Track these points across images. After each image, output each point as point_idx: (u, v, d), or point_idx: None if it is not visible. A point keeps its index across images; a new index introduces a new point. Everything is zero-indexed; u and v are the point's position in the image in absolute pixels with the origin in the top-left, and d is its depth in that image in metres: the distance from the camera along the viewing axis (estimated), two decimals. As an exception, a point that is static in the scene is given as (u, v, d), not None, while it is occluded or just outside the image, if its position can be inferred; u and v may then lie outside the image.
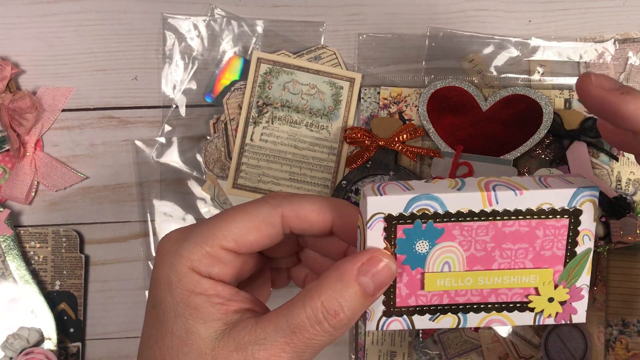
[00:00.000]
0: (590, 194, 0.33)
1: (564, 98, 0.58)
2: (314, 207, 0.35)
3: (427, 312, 0.35)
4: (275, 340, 0.31)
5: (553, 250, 0.34)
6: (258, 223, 0.34)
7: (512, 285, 0.35)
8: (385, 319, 0.35)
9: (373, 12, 0.60)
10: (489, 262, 0.34)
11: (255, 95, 0.58)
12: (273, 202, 0.35)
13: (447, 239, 0.33)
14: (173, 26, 0.59)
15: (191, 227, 0.35)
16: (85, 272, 0.59)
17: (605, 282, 0.57)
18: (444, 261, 0.34)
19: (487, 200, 0.33)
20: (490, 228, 0.33)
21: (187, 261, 0.33)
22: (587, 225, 0.34)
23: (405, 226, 0.33)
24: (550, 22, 0.60)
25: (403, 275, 0.34)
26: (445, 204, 0.33)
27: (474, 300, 0.35)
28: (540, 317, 0.36)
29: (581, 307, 0.36)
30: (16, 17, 0.59)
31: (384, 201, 0.32)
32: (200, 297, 0.33)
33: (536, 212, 0.33)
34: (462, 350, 0.58)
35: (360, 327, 0.58)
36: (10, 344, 0.55)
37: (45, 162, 0.59)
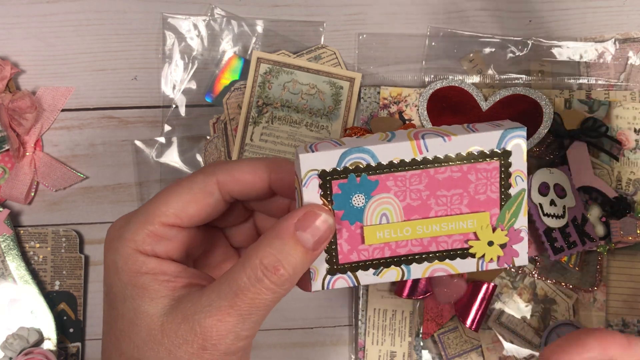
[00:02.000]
0: (517, 134, 0.33)
1: (564, 98, 0.58)
2: (248, 168, 0.35)
3: (371, 267, 0.35)
4: (219, 305, 0.31)
5: (487, 194, 0.34)
6: (195, 194, 0.34)
7: (450, 232, 0.35)
8: (330, 277, 0.35)
9: (373, 12, 0.60)
10: (426, 211, 0.34)
11: (255, 95, 0.58)
12: (207, 170, 0.35)
13: (382, 190, 0.34)
14: (173, 26, 0.59)
15: (134, 211, 0.35)
16: (85, 272, 0.59)
17: (606, 282, 0.57)
18: (382, 213, 0.34)
19: (417, 149, 0.33)
20: (423, 176, 0.34)
21: (131, 243, 0.33)
22: (518, 165, 0.34)
23: (339, 181, 0.33)
24: (550, 22, 0.60)
25: (343, 231, 0.34)
26: (377, 156, 0.33)
27: (415, 250, 0.35)
28: (483, 262, 0.36)
29: (522, 250, 0.36)
30: (16, 17, 0.59)
31: (316, 157, 0.33)
32: (146, 276, 0.33)
33: (466, 156, 0.34)
34: (462, 350, 0.58)
35: (360, 327, 0.58)
36: (10, 344, 0.55)
37: (45, 162, 0.59)
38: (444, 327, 0.58)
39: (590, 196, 0.57)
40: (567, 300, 0.58)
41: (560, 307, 0.58)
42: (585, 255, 0.57)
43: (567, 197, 0.55)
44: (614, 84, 0.59)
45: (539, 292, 0.58)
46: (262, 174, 0.35)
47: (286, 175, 0.35)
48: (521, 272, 0.58)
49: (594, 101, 0.58)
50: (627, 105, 0.58)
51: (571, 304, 0.58)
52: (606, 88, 0.59)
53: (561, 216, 0.55)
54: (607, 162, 0.58)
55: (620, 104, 0.58)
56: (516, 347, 0.58)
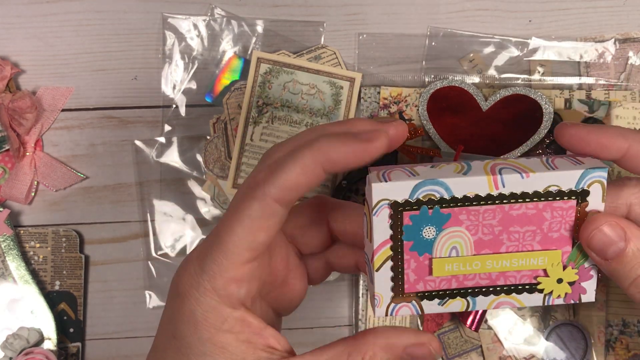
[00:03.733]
0: (598, 175, 0.33)
1: (564, 98, 0.58)
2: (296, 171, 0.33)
3: (436, 297, 0.35)
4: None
5: (561, 232, 0.34)
6: (257, 222, 0.32)
7: (520, 268, 0.34)
8: (394, 305, 0.35)
9: (373, 12, 0.60)
10: (497, 246, 0.34)
11: (255, 95, 0.58)
12: (258, 194, 0.32)
13: (454, 224, 0.33)
14: (173, 26, 0.59)
15: (203, 251, 0.33)
16: (85, 272, 0.59)
17: (606, 282, 0.57)
18: (452, 246, 0.34)
19: (494, 184, 0.33)
20: (497, 212, 0.33)
21: (212, 293, 0.32)
22: (595, 205, 0.34)
23: (411, 212, 0.33)
24: (550, 22, 0.60)
25: (411, 261, 0.34)
26: (452, 189, 0.33)
27: (483, 283, 0.35)
28: (550, 297, 0.35)
29: (590, 287, 0.35)
30: (16, 17, 0.59)
31: (388, 187, 0.32)
32: (227, 334, 0.32)
33: (543, 194, 0.33)
34: (462, 350, 0.58)
35: (360, 327, 0.58)
36: (10, 344, 0.55)
37: (45, 162, 0.59)
38: (444, 327, 0.58)
39: (590, 196, 0.57)
40: (567, 300, 0.58)
41: (560, 307, 0.58)
42: (585, 255, 0.57)
43: (567, 197, 0.55)
44: (614, 84, 0.59)
45: (539, 292, 0.58)
46: (314, 170, 0.32)
47: (339, 157, 0.32)
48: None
49: (594, 101, 0.58)
50: (627, 105, 0.58)
51: (571, 304, 0.58)
52: (606, 88, 0.59)
53: (561, 216, 0.55)
54: (607, 162, 0.58)
55: (620, 104, 0.58)
56: (516, 347, 0.58)
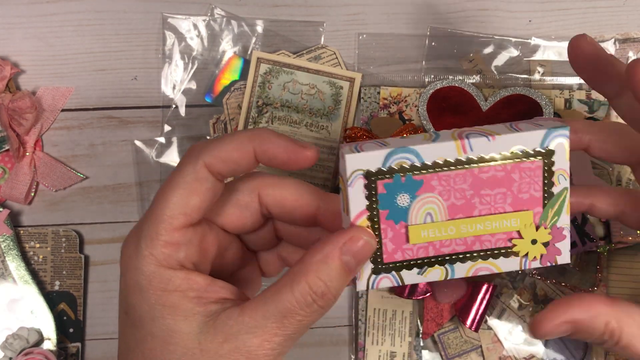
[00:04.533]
0: (561, 133, 0.34)
1: (564, 98, 0.58)
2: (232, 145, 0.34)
3: (415, 266, 0.36)
4: (266, 327, 0.31)
5: (530, 192, 0.35)
6: (191, 185, 0.33)
7: (494, 231, 0.35)
8: (374, 277, 0.35)
9: (373, 12, 0.60)
10: (470, 210, 0.35)
11: (255, 95, 0.58)
12: (192, 157, 0.34)
13: (427, 190, 0.34)
14: (173, 26, 0.59)
15: (140, 223, 0.34)
16: (85, 272, 0.59)
17: (606, 282, 0.57)
18: (426, 212, 0.35)
19: (462, 148, 0.34)
20: (468, 176, 0.34)
21: (150, 259, 0.32)
22: (560, 164, 0.35)
23: (385, 181, 0.34)
24: (550, 22, 0.60)
25: (388, 230, 0.35)
26: (422, 156, 0.34)
27: (459, 249, 0.35)
28: (526, 261, 0.36)
29: (564, 248, 0.36)
30: (16, 17, 0.59)
31: (361, 157, 0.33)
32: (174, 294, 0.32)
33: (510, 155, 0.34)
34: (462, 351, 0.58)
35: (360, 327, 0.58)
36: (10, 344, 0.55)
37: (44, 162, 0.59)
38: (444, 327, 0.58)
39: (590, 196, 0.57)
40: (567, 300, 0.58)
41: (560, 307, 0.58)
42: (585, 256, 0.57)
43: (567, 197, 0.55)
44: (614, 84, 0.59)
45: (539, 292, 0.58)
46: (246, 147, 0.34)
47: (272, 149, 0.34)
48: (521, 272, 0.58)
49: (594, 101, 0.58)
50: (627, 105, 0.58)
51: (571, 304, 0.58)
52: (606, 88, 0.59)
53: (561, 216, 0.55)
54: (607, 162, 0.58)
55: (620, 104, 0.58)
56: (516, 347, 0.58)
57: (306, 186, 0.37)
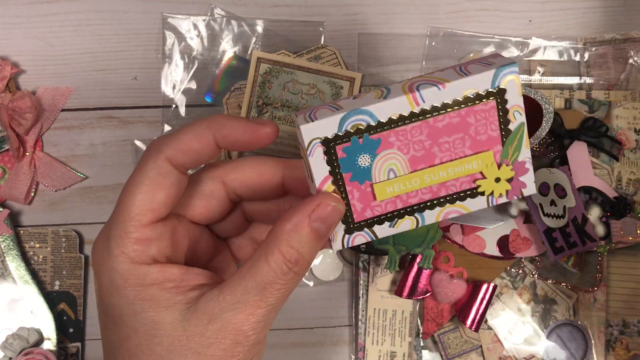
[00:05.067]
0: (510, 70, 0.34)
1: (564, 98, 0.58)
2: (191, 136, 0.34)
3: (385, 220, 0.36)
4: (248, 301, 0.32)
5: (488, 133, 0.35)
6: (154, 180, 0.33)
7: (457, 175, 0.36)
8: (348, 237, 0.36)
9: (373, 12, 0.60)
10: (431, 159, 0.35)
11: (255, 95, 0.58)
12: (153, 151, 0.34)
13: (386, 147, 0.34)
14: (173, 26, 0.59)
15: (107, 224, 0.34)
16: (85, 272, 0.59)
17: (606, 282, 0.57)
18: (389, 169, 0.35)
19: (414, 102, 0.34)
20: (424, 127, 0.34)
21: (122, 257, 0.32)
22: (514, 101, 0.35)
23: (343, 145, 0.34)
24: (550, 22, 0.60)
25: (354, 191, 0.35)
26: (376, 115, 0.34)
27: (426, 198, 0.36)
28: (492, 198, 0.36)
29: (529, 180, 0.36)
30: (16, 17, 0.59)
31: (317, 126, 0.34)
32: (152, 287, 0.33)
33: (462, 101, 0.34)
34: (462, 351, 0.58)
35: (360, 327, 0.58)
36: (10, 344, 0.55)
37: (44, 162, 0.59)
38: (444, 327, 0.58)
39: (590, 196, 0.57)
40: (567, 300, 0.58)
41: (561, 307, 0.58)
42: (585, 256, 0.57)
43: (568, 197, 0.55)
44: (614, 84, 0.59)
45: (539, 292, 0.58)
46: (206, 136, 0.34)
47: (232, 133, 0.35)
48: (521, 273, 0.58)
49: (594, 101, 0.58)
50: (627, 105, 0.58)
51: (571, 304, 0.58)
52: (606, 88, 0.59)
53: (561, 216, 0.55)
54: (607, 162, 0.58)
55: (620, 104, 0.58)
56: (516, 347, 0.58)
57: (267, 160, 0.37)
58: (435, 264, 0.57)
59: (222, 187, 0.38)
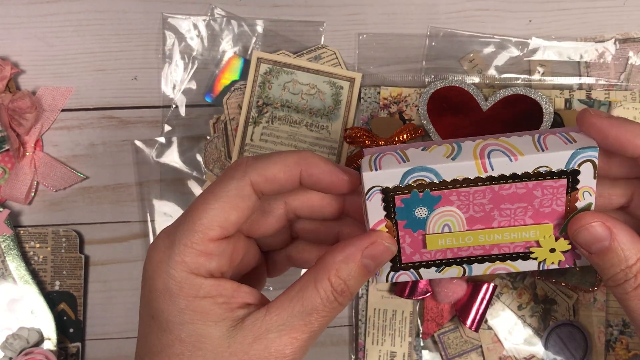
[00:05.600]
0: (589, 154, 0.33)
1: (564, 98, 0.58)
2: (279, 166, 0.35)
3: (433, 265, 0.36)
4: (293, 325, 0.32)
5: (552, 207, 0.34)
6: (233, 200, 0.34)
7: (513, 240, 0.35)
8: (393, 274, 0.36)
9: (373, 12, 0.60)
10: (489, 221, 0.34)
11: (255, 95, 0.58)
12: (238, 172, 0.35)
13: (445, 204, 0.34)
14: (173, 26, 0.59)
15: (174, 228, 0.35)
16: (85, 272, 0.59)
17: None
18: (444, 223, 0.35)
19: (482, 168, 0.33)
20: (487, 192, 0.34)
21: (182, 266, 0.33)
22: (586, 182, 0.34)
23: (402, 196, 0.34)
24: (550, 22, 0.60)
25: (406, 237, 0.35)
26: (441, 174, 0.33)
27: (477, 253, 0.36)
28: (544, 264, 0.36)
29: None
30: (16, 17, 0.59)
31: (379, 175, 0.33)
32: (204, 300, 0.33)
33: (532, 175, 0.33)
34: (462, 351, 0.58)
35: (360, 327, 0.58)
36: (10, 344, 0.55)
37: (45, 162, 0.59)
38: (444, 327, 0.58)
39: (590, 196, 0.57)
40: (567, 300, 0.58)
41: (561, 307, 0.58)
42: (586, 255, 0.57)
43: (567, 197, 0.55)
44: (614, 84, 0.59)
45: (539, 292, 0.58)
46: (293, 171, 0.35)
47: (318, 173, 0.35)
48: (521, 273, 0.58)
49: (594, 101, 0.58)
50: (627, 105, 0.58)
51: (571, 304, 0.58)
52: (606, 88, 0.59)
53: (561, 216, 0.55)
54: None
55: (620, 104, 0.58)
56: (516, 347, 0.58)
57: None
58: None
59: (283, 206, 0.38)
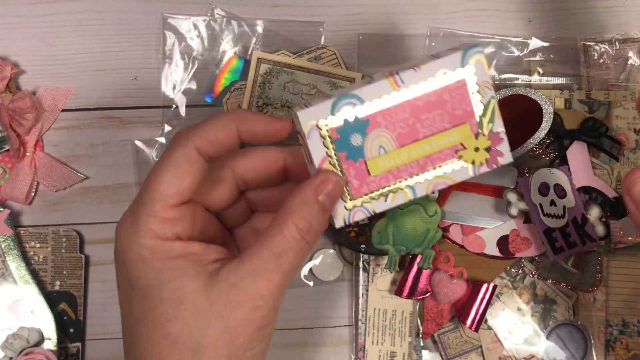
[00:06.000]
0: (476, 50, 0.39)
1: (564, 98, 0.58)
2: (217, 127, 0.38)
3: (381, 196, 0.41)
4: (265, 268, 0.35)
5: (463, 108, 0.40)
6: (183, 166, 0.36)
7: (440, 148, 0.40)
8: (348, 213, 0.40)
9: (373, 12, 0.60)
10: (415, 135, 0.40)
11: (255, 96, 0.58)
12: (181, 139, 0.37)
13: (374, 126, 0.39)
14: (173, 26, 0.59)
15: (134, 205, 0.37)
16: (85, 272, 0.59)
17: (606, 282, 0.57)
18: (379, 145, 0.40)
19: (395, 84, 0.39)
20: (406, 106, 0.39)
21: (150, 234, 0.35)
22: (483, 77, 0.40)
23: (336, 127, 0.39)
24: (550, 22, 0.60)
25: (350, 169, 0.39)
26: (362, 97, 0.39)
27: (415, 172, 0.41)
28: (475, 168, 0.41)
29: (505, 149, 0.41)
30: (16, 17, 0.59)
31: (311, 111, 0.38)
32: (178, 259, 0.35)
33: (436, 79, 0.39)
34: (462, 351, 0.58)
35: (360, 327, 0.58)
36: (10, 344, 0.55)
37: (45, 163, 0.59)
38: (443, 327, 0.58)
39: (590, 196, 0.57)
40: (567, 300, 0.58)
41: (560, 307, 0.58)
42: (585, 256, 0.57)
43: (567, 197, 0.55)
44: (614, 84, 0.59)
45: (539, 292, 0.58)
46: (230, 128, 0.38)
47: (253, 126, 0.38)
48: (521, 272, 0.58)
49: (593, 101, 0.58)
50: (627, 105, 0.58)
51: (571, 304, 0.58)
52: (606, 88, 0.59)
53: (561, 216, 0.55)
54: (607, 162, 0.58)
55: (620, 104, 0.58)
56: (516, 347, 0.58)
57: (269, 148, 0.41)
58: (435, 263, 0.57)
59: (231, 173, 0.41)
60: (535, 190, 0.55)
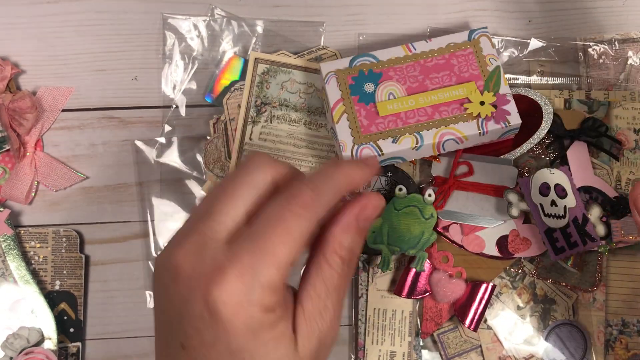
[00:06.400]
0: (482, 31, 0.48)
1: (563, 98, 0.58)
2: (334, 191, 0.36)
3: (389, 136, 0.45)
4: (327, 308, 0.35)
5: (470, 71, 0.46)
6: (304, 239, 0.33)
7: (447, 99, 0.45)
8: (356, 147, 0.45)
9: (373, 12, 0.60)
10: (423, 87, 0.45)
11: (254, 95, 0.58)
12: (309, 215, 0.34)
13: (386, 78, 0.45)
14: (173, 26, 0.59)
15: (241, 264, 0.33)
16: (85, 272, 0.59)
17: (606, 282, 0.57)
18: (389, 92, 0.45)
19: (407, 49, 0.47)
20: (416, 66, 0.46)
21: (260, 308, 0.33)
22: (488, 51, 0.47)
23: (352, 75, 0.46)
24: (550, 22, 0.60)
25: (361, 110, 0.45)
26: (378, 57, 0.46)
27: (423, 120, 0.45)
28: (482, 122, 0.45)
29: (512, 110, 0.46)
30: (16, 17, 0.60)
31: (332, 64, 0.47)
32: (277, 329, 0.34)
33: (445, 48, 0.46)
34: (461, 350, 0.58)
35: (360, 327, 0.58)
36: (11, 343, 0.55)
37: (45, 162, 0.59)
38: (443, 327, 0.58)
39: (590, 196, 0.57)
40: (566, 300, 0.58)
41: (560, 307, 0.58)
42: (585, 255, 0.57)
43: (568, 197, 0.55)
44: (614, 84, 0.59)
45: (538, 292, 0.58)
46: (342, 190, 0.35)
47: (355, 176, 0.36)
48: (521, 272, 0.58)
49: (593, 101, 0.58)
50: (627, 105, 0.58)
51: (571, 304, 0.58)
52: (606, 88, 0.59)
53: (562, 216, 0.55)
54: (607, 162, 0.58)
55: (620, 104, 0.58)
56: (516, 347, 0.58)
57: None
58: (435, 263, 0.57)
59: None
60: (535, 191, 0.55)
